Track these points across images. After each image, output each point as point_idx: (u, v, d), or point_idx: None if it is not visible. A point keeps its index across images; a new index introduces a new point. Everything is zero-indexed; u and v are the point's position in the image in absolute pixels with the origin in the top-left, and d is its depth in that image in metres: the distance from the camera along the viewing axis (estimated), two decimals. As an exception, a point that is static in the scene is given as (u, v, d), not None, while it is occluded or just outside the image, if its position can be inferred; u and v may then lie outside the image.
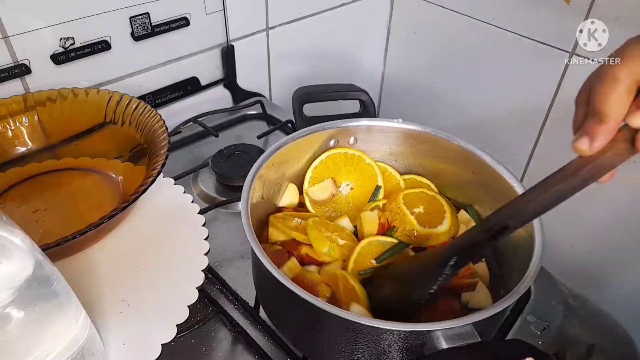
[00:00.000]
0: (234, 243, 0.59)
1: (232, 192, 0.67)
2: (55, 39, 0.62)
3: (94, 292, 0.45)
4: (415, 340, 0.37)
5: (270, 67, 0.90)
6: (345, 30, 0.98)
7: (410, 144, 0.56)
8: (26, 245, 0.31)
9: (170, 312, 0.44)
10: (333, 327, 0.39)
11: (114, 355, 0.41)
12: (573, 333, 0.51)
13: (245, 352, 0.48)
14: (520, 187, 0.47)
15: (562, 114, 0.79)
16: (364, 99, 0.73)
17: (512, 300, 0.37)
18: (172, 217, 0.54)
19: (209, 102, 0.83)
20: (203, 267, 0.48)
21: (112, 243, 0.50)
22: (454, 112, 0.95)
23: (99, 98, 0.59)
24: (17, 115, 0.57)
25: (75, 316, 0.35)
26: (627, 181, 0.75)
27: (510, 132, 0.87)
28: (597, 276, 0.83)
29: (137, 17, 0.67)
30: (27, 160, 0.58)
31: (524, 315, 0.52)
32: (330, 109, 0.72)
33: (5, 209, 0.53)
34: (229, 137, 0.78)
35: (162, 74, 0.75)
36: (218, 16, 0.76)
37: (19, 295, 0.30)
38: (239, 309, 0.52)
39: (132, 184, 0.51)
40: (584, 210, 0.81)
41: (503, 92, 0.86)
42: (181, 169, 0.68)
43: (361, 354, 0.39)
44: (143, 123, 0.56)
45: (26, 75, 0.61)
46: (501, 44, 0.81)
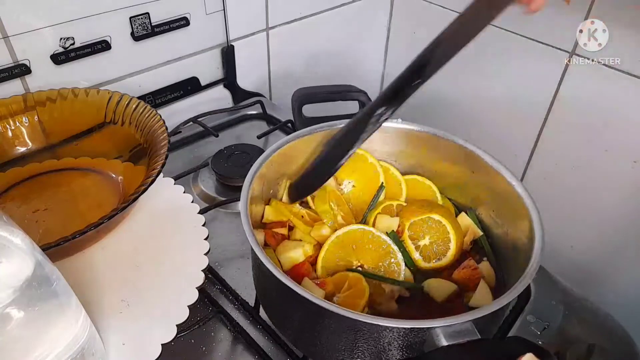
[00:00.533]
0: (234, 243, 0.59)
1: (232, 192, 0.67)
2: (55, 39, 0.62)
3: (94, 292, 0.45)
4: (415, 337, 0.37)
5: (270, 67, 0.90)
6: (345, 30, 0.98)
7: (410, 144, 0.56)
8: (26, 245, 0.31)
9: (170, 312, 0.44)
10: (333, 326, 0.39)
11: (114, 355, 0.41)
12: (573, 333, 0.51)
13: (245, 352, 0.48)
14: (520, 186, 0.47)
15: (562, 114, 0.79)
16: (363, 99, 0.73)
17: (511, 297, 0.37)
18: (172, 217, 0.54)
19: (209, 102, 0.83)
20: (203, 267, 0.48)
21: (112, 243, 0.50)
22: (454, 112, 0.95)
23: (99, 98, 0.59)
24: (17, 115, 0.57)
25: (75, 316, 0.35)
26: (627, 181, 0.75)
27: (511, 132, 0.87)
28: (597, 276, 0.83)
29: (137, 17, 0.67)
30: (27, 160, 0.58)
31: (524, 315, 0.52)
32: (330, 109, 0.72)
33: (5, 209, 0.53)
34: (229, 137, 0.78)
35: (162, 74, 0.75)
36: (218, 16, 0.76)
37: (19, 295, 0.30)
38: (239, 309, 0.52)
39: (132, 184, 0.51)
40: (584, 210, 0.81)
41: (503, 92, 0.86)
42: (181, 169, 0.68)
43: (361, 352, 0.39)
44: (143, 123, 0.56)
45: (26, 75, 0.61)
46: (501, 44, 0.81)
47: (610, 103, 0.73)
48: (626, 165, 0.74)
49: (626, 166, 0.74)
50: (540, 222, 0.43)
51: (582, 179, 0.80)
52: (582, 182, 0.80)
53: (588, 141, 0.77)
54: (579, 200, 0.81)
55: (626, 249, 0.78)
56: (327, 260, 0.48)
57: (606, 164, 0.76)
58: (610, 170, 0.76)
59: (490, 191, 0.51)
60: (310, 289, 0.43)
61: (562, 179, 0.82)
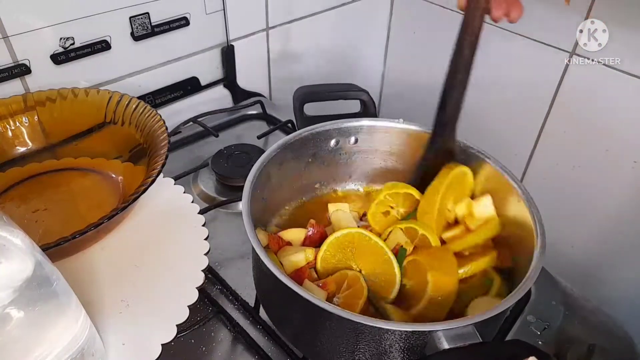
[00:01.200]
0: (234, 243, 0.59)
1: (232, 192, 0.67)
2: (55, 38, 0.62)
3: (94, 292, 0.45)
4: (417, 340, 0.37)
5: (270, 67, 0.90)
6: (345, 30, 0.98)
7: (411, 144, 0.56)
8: (26, 245, 0.31)
9: (170, 312, 0.44)
10: (334, 327, 0.39)
11: (113, 355, 0.40)
12: (573, 333, 0.51)
13: (245, 353, 0.48)
14: (520, 186, 0.47)
15: (562, 113, 0.79)
16: (364, 98, 0.73)
17: (513, 301, 0.38)
18: (172, 217, 0.54)
19: (209, 102, 0.83)
20: (203, 267, 0.48)
21: (112, 243, 0.50)
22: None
23: (99, 98, 0.59)
24: (17, 115, 0.57)
25: (75, 316, 0.35)
26: (627, 181, 0.75)
27: (511, 132, 0.87)
28: (598, 276, 0.83)
29: (137, 17, 0.67)
30: (27, 160, 0.58)
31: (525, 316, 0.52)
32: (331, 108, 0.72)
33: (5, 209, 0.53)
34: (229, 137, 0.78)
35: (162, 73, 0.75)
36: (218, 16, 0.76)
37: (18, 296, 0.30)
38: (239, 309, 0.52)
39: (132, 184, 0.51)
40: (584, 210, 0.81)
41: (503, 92, 0.86)
42: (181, 169, 0.68)
43: (362, 354, 0.39)
44: (143, 123, 0.56)
45: (26, 75, 0.61)
46: (501, 44, 0.81)
47: (610, 103, 0.73)
48: (626, 165, 0.74)
49: (626, 166, 0.74)
50: (541, 222, 0.43)
51: (582, 179, 0.80)
52: (582, 182, 0.80)
53: (588, 141, 0.77)
54: (579, 200, 0.81)
55: (627, 249, 0.78)
56: (326, 261, 0.48)
57: (606, 164, 0.76)
58: (610, 170, 0.76)
59: (491, 191, 0.51)
60: (312, 291, 0.43)
61: (562, 179, 0.82)
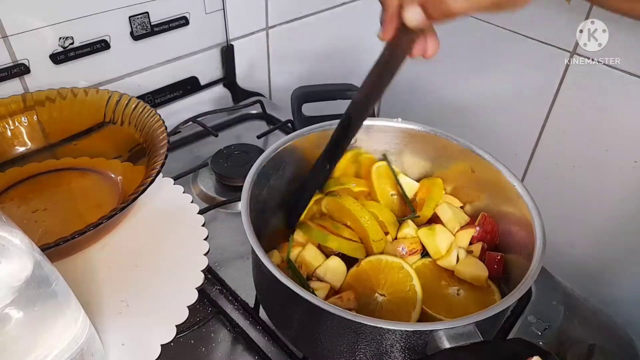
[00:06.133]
0: (233, 243, 0.59)
1: (232, 192, 0.67)
2: (54, 38, 0.62)
3: (93, 292, 0.45)
4: (418, 340, 0.36)
5: (270, 67, 0.90)
6: (345, 30, 0.98)
7: (410, 143, 0.55)
8: (25, 245, 0.31)
9: (169, 313, 0.43)
10: (334, 327, 0.39)
11: (113, 356, 0.40)
12: (574, 333, 0.51)
13: (245, 353, 0.48)
14: (520, 186, 0.47)
15: (562, 113, 0.79)
16: (363, 98, 0.73)
17: (513, 300, 0.37)
18: (172, 217, 0.53)
19: (209, 101, 0.83)
20: (203, 267, 0.48)
21: (112, 243, 0.50)
22: (453, 112, 0.95)
23: (98, 98, 0.58)
24: (16, 115, 0.57)
25: (75, 316, 0.35)
26: (627, 181, 0.75)
27: (511, 132, 0.87)
28: (597, 276, 0.83)
29: (136, 17, 0.67)
30: (27, 160, 0.58)
31: (525, 316, 0.52)
32: (330, 108, 0.72)
33: (4, 209, 0.53)
34: (228, 137, 0.78)
35: (161, 73, 0.74)
36: (218, 15, 0.76)
37: (18, 296, 0.29)
38: (238, 309, 0.52)
39: (131, 183, 0.50)
40: (584, 211, 0.81)
41: (503, 92, 0.86)
42: (181, 169, 0.68)
43: (363, 354, 0.39)
44: (142, 123, 0.56)
45: (25, 75, 0.61)
46: (501, 43, 0.81)
47: (610, 103, 0.73)
48: (626, 165, 0.74)
49: (626, 166, 0.74)
50: (541, 222, 0.43)
51: (582, 179, 0.80)
52: (582, 182, 0.80)
53: (588, 141, 0.77)
54: (579, 201, 0.81)
55: (627, 249, 0.78)
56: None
57: (606, 164, 0.76)
58: (610, 170, 0.76)
59: (490, 190, 0.51)
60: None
61: (562, 179, 0.82)
